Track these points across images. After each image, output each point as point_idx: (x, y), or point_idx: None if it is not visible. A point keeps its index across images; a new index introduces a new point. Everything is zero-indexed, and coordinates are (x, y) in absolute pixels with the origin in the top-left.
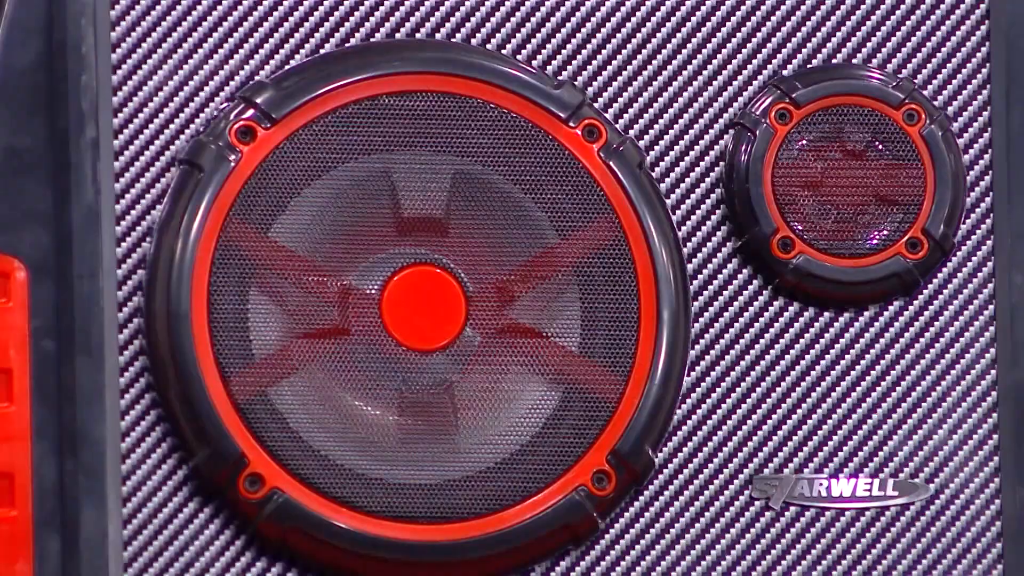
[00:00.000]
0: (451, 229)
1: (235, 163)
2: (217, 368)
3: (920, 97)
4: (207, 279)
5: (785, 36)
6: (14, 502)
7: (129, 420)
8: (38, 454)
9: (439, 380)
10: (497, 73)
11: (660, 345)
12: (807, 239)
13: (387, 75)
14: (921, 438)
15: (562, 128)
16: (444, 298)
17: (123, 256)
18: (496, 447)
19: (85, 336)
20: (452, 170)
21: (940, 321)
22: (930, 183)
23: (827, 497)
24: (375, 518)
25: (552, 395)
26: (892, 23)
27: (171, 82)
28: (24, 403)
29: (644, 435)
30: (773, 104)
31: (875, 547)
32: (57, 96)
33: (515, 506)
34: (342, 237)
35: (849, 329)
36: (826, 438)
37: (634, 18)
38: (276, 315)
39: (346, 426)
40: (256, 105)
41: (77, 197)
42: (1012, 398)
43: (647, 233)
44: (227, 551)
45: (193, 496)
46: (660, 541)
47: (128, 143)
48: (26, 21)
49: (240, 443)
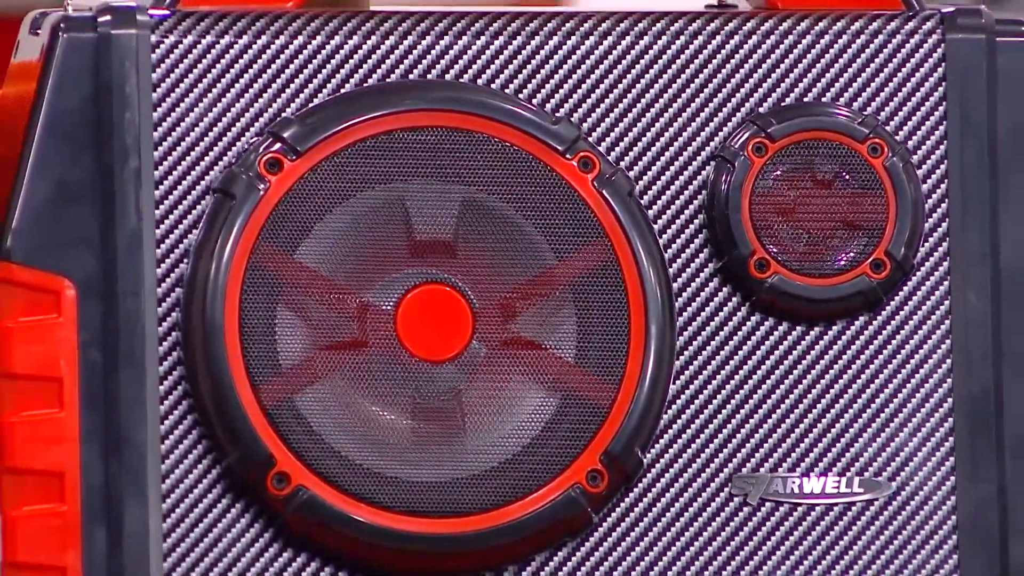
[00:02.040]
0: (459, 251)
1: (264, 192)
2: (248, 377)
3: (883, 132)
4: (238, 296)
5: (761, 77)
6: (64, 498)
7: (168, 424)
8: (86, 455)
9: (448, 388)
10: (500, 110)
11: (648, 356)
12: (781, 260)
13: (401, 112)
14: (884, 440)
15: (559, 160)
16: (453, 313)
17: (163, 276)
18: (500, 448)
19: (128, 348)
20: (460, 198)
21: (901, 335)
22: (892, 210)
23: (799, 494)
24: (390, 512)
25: (550, 401)
26: (857, 66)
27: (206, 119)
28: (73, 409)
29: (634, 438)
30: (750, 139)
31: (843, 538)
32: (103, 132)
33: (517, 502)
34: (361, 258)
35: (819, 342)
36: (798, 440)
37: (624, 61)
38: (301, 329)
39: (364, 429)
40: (283, 139)
41: (121, 223)
42: (966, 405)
43: (636, 255)
44: (257, 542)
45: (226, 493)
46: (648, 533)
47: (167, 174)
48: (75, 66)
49: (268, 445)
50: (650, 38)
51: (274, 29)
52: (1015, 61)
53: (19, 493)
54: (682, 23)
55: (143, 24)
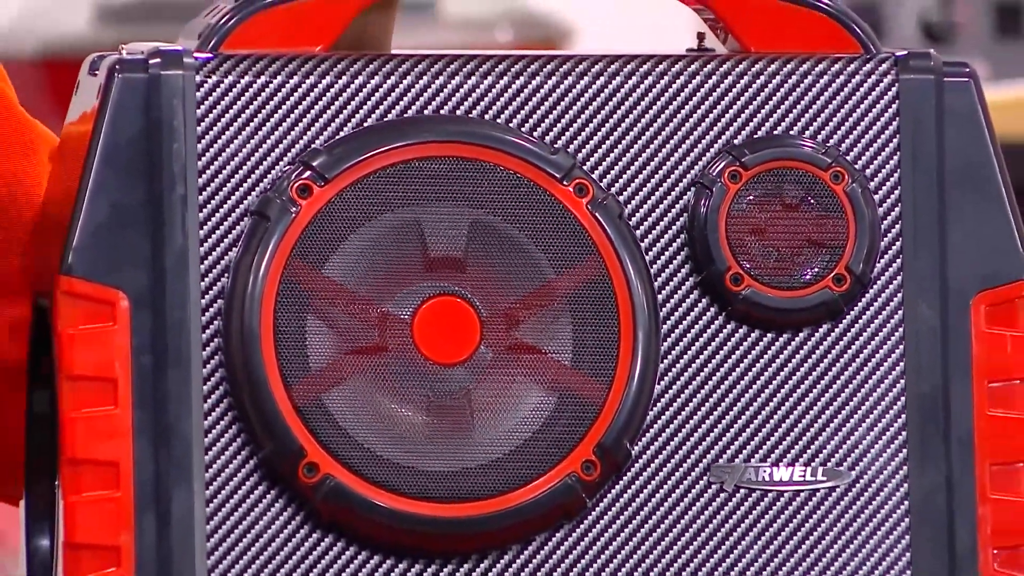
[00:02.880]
0: (468, 266)
1: (295, 214)
2: (281, 378)
3: (844, 162)
4: (273, 307)
5: (735, 113)
6: (119, 485)
7: (211, 420)
8: (137, 447)
9: (459, 388)
10: (505, 142)
11: (636, 359)
12: (753, 275)
13: (417, 143)
14: (844, 434)
15: (557, 186)
16: (462, 322)
17: (206, 289)
18: (505, 441)
19: (176, 353)
20: (469, 219)
21: (860, 341)
22: (852, 230)
23: (769, 481)
24: (407, 498)
25: (549, 400)
26: (821, 103)
27: (244, 149)
28: (127, 406)
29: (623, 432)
30: (726, 167)
31: (808, 521)
32: (153, 162)
33: (520, 488)
34: (381, 273)
35: (787, 347)
36: (769, 434)
37: (615, 98)
38: (328, 336)
39: (384, 424)
40: (312, 168)
41: (169, 242)
42: (917, 403)
43: (625, 270)
44: (289, 524)
45: (262, 481)
46: (636, 516)
47: (210, 199)
48: (129, 103)
49: (299, 438)
50: (637, 78)
51: (304, 70)
52: (960, 98)
53: (78, 481)
54: (665, 65)
55: (189, 66)
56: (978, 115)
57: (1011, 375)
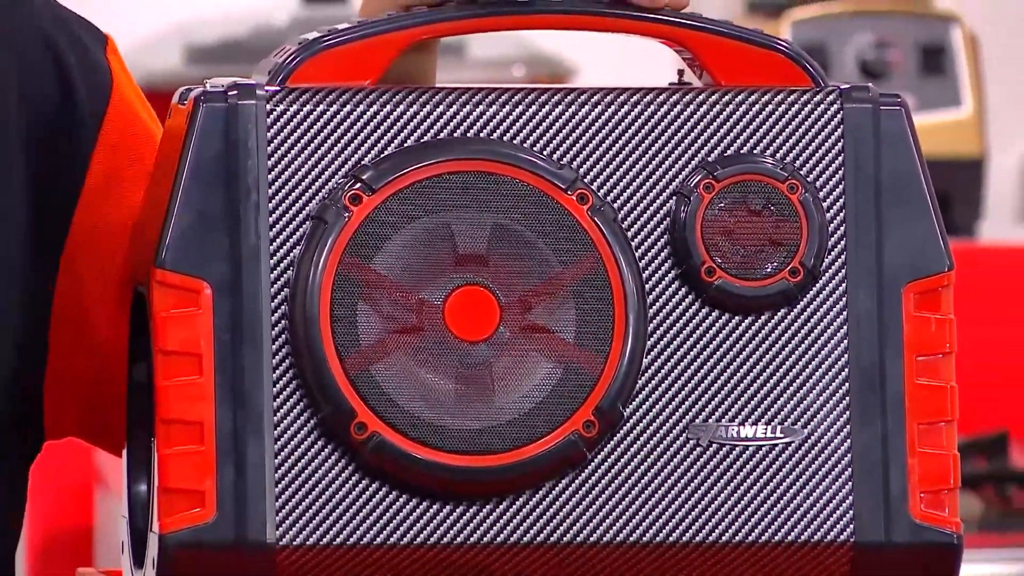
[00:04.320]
0: (490, 262)
1: (348, 218)
2: (336, 353)
3: (798, 176)
4: (329, 295)
5: (709, 135)
6: (203, 441)
7: (278, 388)
8: (218, 410)
9: (482, 361)
10: (520, 159)
11: (627, 338)
12: (724, 268)
13: (448, 160)
14: (799, 399)
15: (562, 195)
16: (485, 307)
17: (274, 280)
18: (519, 405)
19: (250, 332)
20: (491, 223)
21: (811, 323)
22: (804, 232)
23: (737, 438)
24: (440, 451)
25: (556, 371)
26: (779, 127)
27: (306, 166)
28: (209, 376)
29: (617, 397)
30: (701, 180)
31: (769, 470)
32: (231, 175)
33: (532, 444)
34: (418, 267)
35: (751, 328)
36: (737, 399)
37: (610, 123)
38: (375, 318)
39: (421, 391)
40: (362, 180)
41: (244, 241)
42: (858, 373)
43: (619, 264)
44: (343, 474)
45: (320, 438)
46: (627, 466)
47: (278, 206)
48: (211, 127)
49: (351, 402)
50: (629, 106)
51: (355, 100)
52: (893, 123)
53: (169, 437)
54: (652, 96)
55: (261, 97)
56: (908, 137)
57: (935, 350)
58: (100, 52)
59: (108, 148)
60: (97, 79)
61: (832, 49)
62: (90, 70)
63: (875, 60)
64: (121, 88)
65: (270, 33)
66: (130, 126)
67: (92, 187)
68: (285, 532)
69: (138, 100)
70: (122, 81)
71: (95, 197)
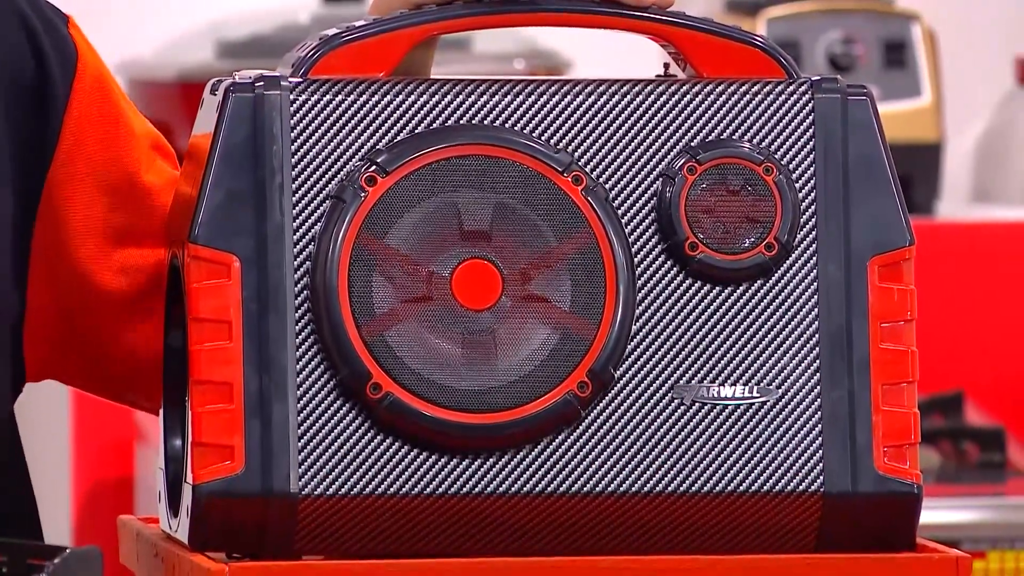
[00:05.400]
0: (493, 237)
1: (364, 198)
2: (353, 320)
3: (773, 159)
4: (347, 268)
5: (692, 122)
6: (232, 400)
7: (300, 352)
8: (246, 372)
9: (486, 327)
10: (520, 144)
11: (618, 307)
12: (706, 243)
13: (454, 145)
14: (773, 362)
15: (559, 177)
16: (489, 278)
17: (297, 254)
18: (520, 368)
19: (275, 301)
20: (494, 202)
21: (785, 293)
22: (779, 210)
23: (718, 397)
24: (448, 410)
25: (553, 336)
26: (756, 115)
27: (326, 150)
28: (238, 341)
29: (608, 360)
30: (685, 163)
31: (746, 426)
32: (258, 158)
33: (532, 403)
34: (428, 242)
35: (731, 298)
36: (717, 362)
37: (603, 111)
38: (388, 289)
39: (430, 355)
40: (377, 163)
41: (270, 219)
42: (827, 338)
43: (610, 240)
44: (359, 430)
45: (339, 398)
46: (618, 424)
47: (301, 186)
48: (240, 115)
49: (367, 365)
50: (619, 96)
51: (371, 91)
52: (860, 112)
53: (202, 396)
54: (640, 86)
55: (285, 87)
56: (873, 124)
57: (897, 318)
58: (64, 27)
59: (77, 113)
60: (65, 53)
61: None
62: (58, 45)
63: (843, 54)
64: (86, 59)
65: (294, 30)
66: (96, 94)
67: (65, 147)
68: (307, 483)
69: (102, 69)
70: (86, 53)
71: (67, 156)
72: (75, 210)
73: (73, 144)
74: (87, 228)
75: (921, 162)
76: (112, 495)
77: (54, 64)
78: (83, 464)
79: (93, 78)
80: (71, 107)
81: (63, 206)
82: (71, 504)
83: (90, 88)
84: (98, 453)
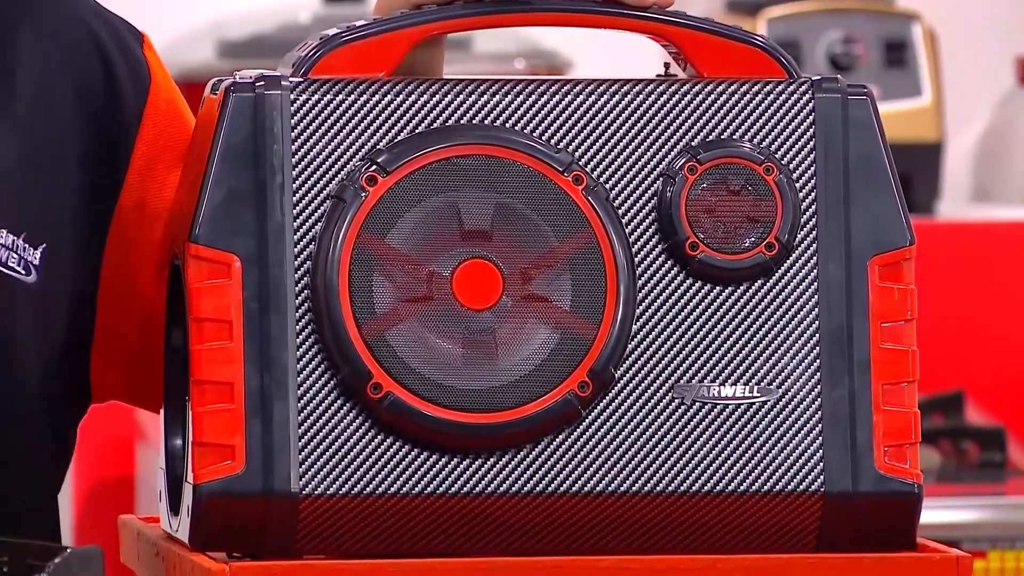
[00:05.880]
0: (494, 237)
1: (365, 198)
2: (354, 320)
3: (774, 158)
4: (348, 267)
5: (693, 122)
6: (233, 400)
7: (301, 351)
8: (247, 371)
9: (487, 327)
10: (521, 144)
11: (618, 307)
12: (706, 243)
13: (455, 145)
14: (774, 361)
15: (560, 177)
16: (489, 278)
17: (298, 253)
18: (521, 368)
19: (276, 301)
20: (494, 201)
21: (785, 292)
22: (779, 210)
23: (718, 397)
24: (448, 409)
25: (554, 336)
26: (757, 114)
27: (326, 150)
28: (239, 341)
29: (609, 360)
30: (685, 163)
31: (746, 426)
32: (258, 158)
33: (532, 403)
34: (428, 242)
35: (731, 297)
36: (718, 362)
37: (603, 110)
38: (389, 288)
39: (431, 354)
40: (377, 163)
41: (271, 218)
42: (828, 337)
43: (610, 239)
44: (360, 430)
45: (339, 397)
46: (618, 424)
47: (301, 186)
48: (240, 114)
49: (367, 364)
50: (620, 96)
51: (371, 90)
52: (860, 111)
53: (203, 396)
54: (641, 86)
55: (285, 87)
56: (873, 124)
57: (898, 317)
58: (138, 48)
59: (149, 136)
60: (138, 74)
61: (804, 44)
62: (132, 65)
63: (843, 54)
64: (158, 81)
65: (294, 29)
66: (167, 116)
67: (135, 171)
68: (308, 483)
69: (173, 91)
70: (159, 75)
71: (138, 180)
72: (143, 233)
73: (143, 167)
74: (149, 256)
75: (921, 162)
76: (113, 494)
77: (127, 86)
78: (84, 463)
79: (166, 101)
80: (142, 131)
81: (133, 228)
82: (71, 504)
83: (163, 111)
84: (99, 452)
